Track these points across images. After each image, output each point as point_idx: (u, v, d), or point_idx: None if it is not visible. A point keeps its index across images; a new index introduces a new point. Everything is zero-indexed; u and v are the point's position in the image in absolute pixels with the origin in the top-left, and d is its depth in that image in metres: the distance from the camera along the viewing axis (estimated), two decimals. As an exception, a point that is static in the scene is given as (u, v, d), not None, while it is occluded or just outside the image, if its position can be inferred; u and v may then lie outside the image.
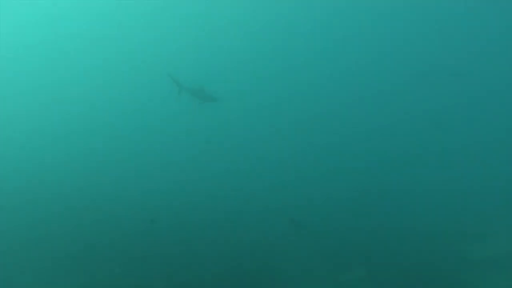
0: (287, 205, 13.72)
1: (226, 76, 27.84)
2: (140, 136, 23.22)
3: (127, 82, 29.83)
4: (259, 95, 26.77)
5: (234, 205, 13.90)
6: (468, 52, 26.54)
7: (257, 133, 22.85)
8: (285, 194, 14.89)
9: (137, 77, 29.96)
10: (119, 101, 27.86)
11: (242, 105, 24.17)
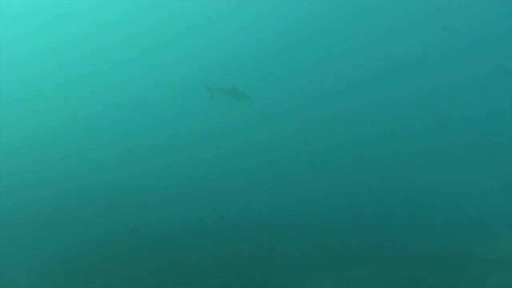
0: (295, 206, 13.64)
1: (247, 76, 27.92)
2: (155, 135, 23.15)
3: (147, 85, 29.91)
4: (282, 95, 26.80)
5: (239, 205, 13.79)
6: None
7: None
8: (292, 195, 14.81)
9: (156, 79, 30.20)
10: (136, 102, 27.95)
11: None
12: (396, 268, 9.55)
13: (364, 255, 10.17)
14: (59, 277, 9.36)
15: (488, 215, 12.30)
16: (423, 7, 29.10)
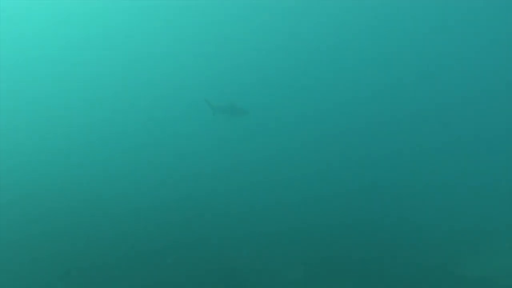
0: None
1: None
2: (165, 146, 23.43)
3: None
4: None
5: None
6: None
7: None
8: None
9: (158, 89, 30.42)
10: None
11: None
12: (385, 283, 9.58)
13: (350, 274, 10.18)
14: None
15: (474, 233, 12.29)
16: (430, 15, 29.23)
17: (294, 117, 26.09)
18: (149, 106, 29.27)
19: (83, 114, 27.93)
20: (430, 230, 12.52)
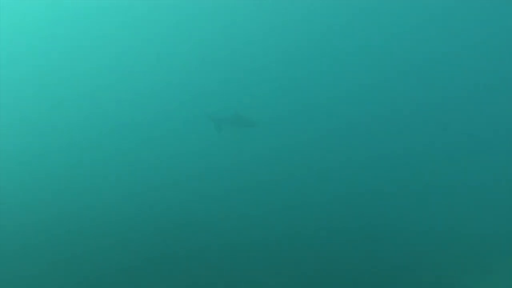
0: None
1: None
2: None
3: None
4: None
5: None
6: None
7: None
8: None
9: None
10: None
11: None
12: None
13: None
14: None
15: (485, 250, 11.74)
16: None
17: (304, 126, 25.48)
18: (148, 118, 28.80)
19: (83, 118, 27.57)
20: (438, 246, 12.04)
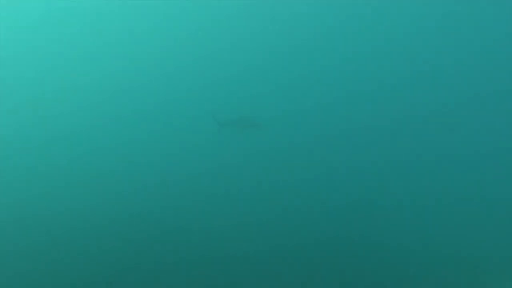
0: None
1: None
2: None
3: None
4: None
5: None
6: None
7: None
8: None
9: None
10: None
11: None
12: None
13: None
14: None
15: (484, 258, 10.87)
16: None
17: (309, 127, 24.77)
18: (151, 118, 28.26)
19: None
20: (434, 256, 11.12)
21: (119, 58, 33.45)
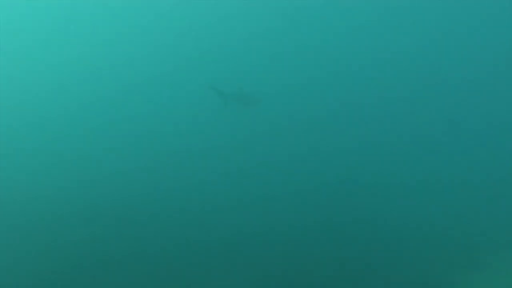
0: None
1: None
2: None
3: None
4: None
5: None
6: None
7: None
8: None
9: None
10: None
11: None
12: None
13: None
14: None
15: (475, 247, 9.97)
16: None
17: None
18: (153, 92, 28.09)
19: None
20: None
21: (120, 34, 33.31)
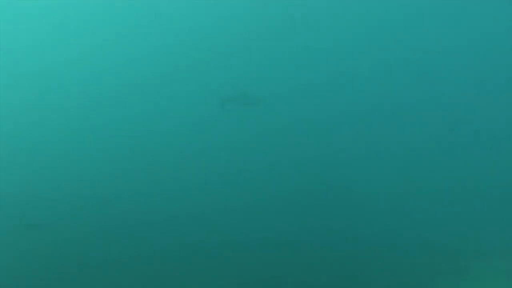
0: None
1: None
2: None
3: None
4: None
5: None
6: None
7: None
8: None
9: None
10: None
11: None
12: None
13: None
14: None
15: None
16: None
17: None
18: (151, 94, 28.02)
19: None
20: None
21: (121, 34, 33.30)
